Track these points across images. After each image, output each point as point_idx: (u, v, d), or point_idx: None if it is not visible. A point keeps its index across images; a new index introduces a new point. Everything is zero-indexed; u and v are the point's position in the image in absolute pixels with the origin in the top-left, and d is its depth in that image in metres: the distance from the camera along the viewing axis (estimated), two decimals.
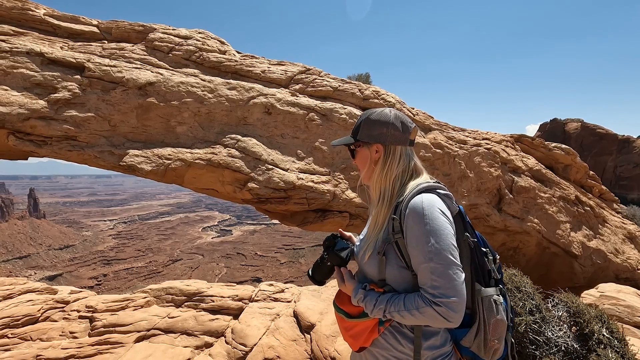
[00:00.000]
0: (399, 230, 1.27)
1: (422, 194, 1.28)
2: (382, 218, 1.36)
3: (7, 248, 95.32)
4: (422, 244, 1.19)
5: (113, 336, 3.84)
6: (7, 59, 4.02)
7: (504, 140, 7.22)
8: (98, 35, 4.94)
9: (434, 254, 1.17)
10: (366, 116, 1.44)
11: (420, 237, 1.20)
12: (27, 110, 3.88)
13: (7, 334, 3.68)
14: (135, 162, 4.12)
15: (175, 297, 4.60)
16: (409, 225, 1.24)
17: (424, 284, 1.19)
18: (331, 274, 1.51)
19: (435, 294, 1.15)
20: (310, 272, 1.53)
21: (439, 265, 1.16)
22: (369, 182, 1.48)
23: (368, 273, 1.38)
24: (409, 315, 1.19)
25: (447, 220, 1.22)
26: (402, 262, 1.28)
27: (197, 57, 4.99)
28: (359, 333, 1.33)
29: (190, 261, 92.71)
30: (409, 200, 1.28)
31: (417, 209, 1.23)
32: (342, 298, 1.44)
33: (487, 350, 1.29)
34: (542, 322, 1.87)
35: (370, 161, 1.44)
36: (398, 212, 1.29)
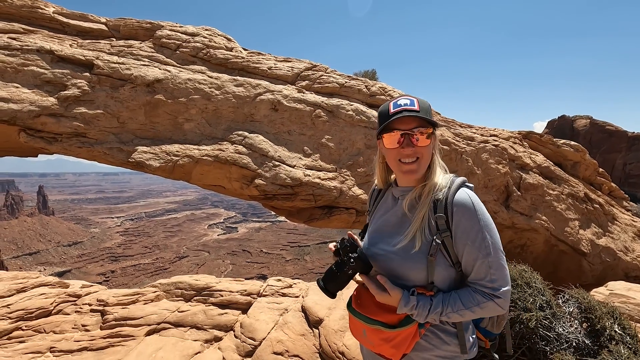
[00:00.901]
0: (446, 228, 1.23)
1: (464, 189, 1.26)
2: (421, 215, 1.28)
3: (17, 244, 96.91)
4: (479, 240, 1.19)
5: (124, 329, 3.90)
6: (18, 56, 4.07)
7: (512, 137, 7.15)
8: (106, 33, 4.98)
9: (491, 248, 1.19)
10: (423, 101, 1.30)
11: (475, 233, 1.20)
12: (37, 107, 3.93)
13: (22, 326, 3.79)
14: (144, 158, 4.16)
15: (184, 291, 4.67)
16: (460, 223, 1.21)
17: (481, 278, 1.21)
18: (348, 283, 1.33)
19: (495, 287, 1.19)
20: (322, 282, 1.32)
21: (496, 259, 1.20)
22: (416, 176, 1.31)
23: (409, 276, 1.29)
24: (469, 313, 1.20)
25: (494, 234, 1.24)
26: (449, 261, 1.26)
27: (204, 54, 5.01)
28: (402, 342, 1.25)
29: (196, 258, 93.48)
30: (452, 196, 1.24)
31: (467, 205, 1.22)
32: (370, 308, 1.31)
33: (497, 325, 1.43)
34: (553, 318, 1.86)
35: (433, 153, 1.33)
36: (442, 210, 1.24)
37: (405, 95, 1.33)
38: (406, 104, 1.28)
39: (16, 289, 4.24)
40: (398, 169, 1.34)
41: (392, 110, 1.29)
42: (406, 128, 1.27)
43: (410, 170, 1.30)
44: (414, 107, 1.27)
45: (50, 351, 3.41)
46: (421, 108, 1.27)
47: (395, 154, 1.30)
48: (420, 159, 1.28)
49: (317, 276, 1.55)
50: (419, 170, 1.30)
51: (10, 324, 3.74)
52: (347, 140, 5.05)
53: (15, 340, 3.60)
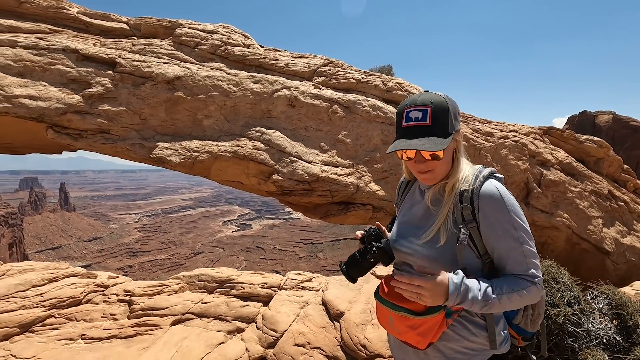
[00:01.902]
0: (472, 219, 1.23)
1: (491, 180, 1.26)
2: (446, 210, 1.28)
3: (41, 239, 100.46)
4: (511, 229, 1.20)
5: (151, 319, 4.04)
6: (45, 56, 4.21)
7: (532, 133, 6.99)
8: (128, 32, 5.09)
9: (524, 237, 1.20)
10: (439, 106, 1.24)
11: (507, 223, 1.20)
12: (64, 104, 4.06)
13: (54, 314, 3.99)
14: (165, 154, 4.25)
15: (207, 283, 4.79)
16: (488, 213, 1.21)
17: (517, 267, 1.21)
18: (369, 271, 1.38)
19: (534, 274, 1.20)
20: (344, 267, 1.37)
21: (530, 247, 1.21)
22: (434, 182, 1.31)
23: (430, 267, 1.25)
24: (517, 297, 1.18)
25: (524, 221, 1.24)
26: (475, 253, 1.25)
27: (222, 51, 5.06)
28: (428, 329, 1.23)
29: (211, 254, 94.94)
30: (479, 188, 1.23)
31: (495, 196, 1.21)
32: (397, 296, 1.28)
33: (532, 323, 1.38)
34: (582, 314, 1.82)
35: (455, 152, 1.31)
36: (468, 201, 1.24)
37: (419, 105, 1.23)
38: (417, 118, 1.22)
39: (48, 278, 4.45)
40: (416, 175, 1.35)
41: (403, 123, 1.25)
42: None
43: (426, 179, 1.31)
44: (425, 123, 1.21)
45: (81, 338, 3.57)
46: (434, 120, 1.20)
47: (411, 164, 1.30)
48: (434, 170, 1.27)
49: (330, 274, 1.57)
50: (435, 178, 1.30)
51: (44, 311, 3.95)
52: (363, 136, 5.04)
53: (48, 327, 3.79)
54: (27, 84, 4.06)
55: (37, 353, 3.47)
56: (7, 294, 4.20)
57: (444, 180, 1.31)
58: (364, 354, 3.30)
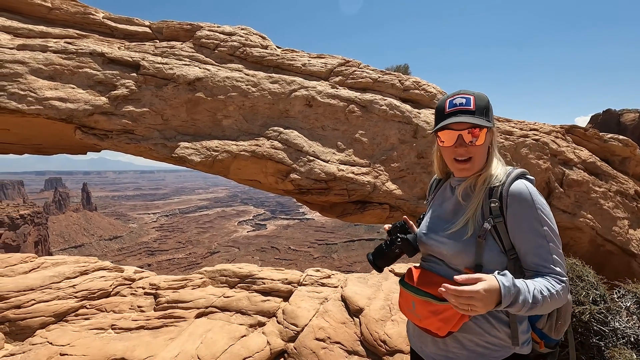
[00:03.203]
0: (499, 214, 1.25)
1: (522, 180, 1.30)
2: (475, 203, 1.31)
3: (64, 237, 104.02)
4: (539, 227, 1.21)
5: (176, 311, 4.22)
6: (73, 59, 4.39)
7: (553, 131, 6.82)
8: (150, 35, 5.25)
9: (552, 236, 1.22)
10: (481, 97, 1.31)
11: (535, 220, 1.22)
12: (91, 106, 4.23)
13: (86, 305, 4.21)
14: (186, 153, 4.36)
15: (229, 278, 4.93)
16: (516, 210, 1.24)
17: (545, 265, 1.20)
18: (394, 261, 1.45)
19: (562, 274, 1.20)
20: (371, 257, 1.44)
21: (558, 247, 1.22)
22: (470, 173, 1.36)
23: (457, 261, 1.31)
24: (554, 299, 1.14)
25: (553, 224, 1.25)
26: (500, 247, 1.26)
27: (240, 52, 5.16)
28: (450, 317, 1.21)
29: (227, 254, 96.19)
30: (509, 185, 1.27)
31: (524, 194, 1.24)
32: (424, 279, 1.34)
33: (556, 330, 1.35)
34: (608, 313, 1.78)
35: (490, 146, 1.37)
36: (497, 196, 1.27)
37: (462, 93, 1.31)
38: (462, 103, 1.29)
39: (80, 271, 4.67)
40: (453, 167, 1.39)
41: (447, 110, 1.31)
42: (460, 128, 1.29)
43: (463, 169, 1.34)
44: (469, 107, 1.28)
45: (111, 328, 3.75)
46: (477, 107, 1.28)
47: (449, 152, 1.34)
48: (474, 158, 1.32)
49: (345, 274, 1.70)
50: (472, 169, 1.34)
51: (77, 302, 4.17)
52: (380, 135, 5.04)
53: (81, 317, 4.00)
54: (57, 86, 4.25)
55: (72, 341, 3.63)
56: (43, 285, 4.39)
57: (477, 173, 1.35)
58: (383, 349, 3.33)
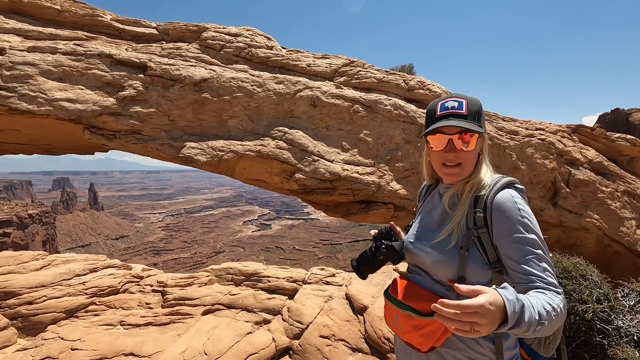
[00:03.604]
0: (483, 224, 1.20)
1: (509, 189, 1.24)
2: (461, 212, 1.26)
3: (72, 237, 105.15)
4: (526, 235, 1.16)
5: (183, 308, 4.30)
6: (82, 61, 4.46)
7: (559, 131, 6.78)
8: (157, 37, 5.31)
9: (541, 244, 1.17)
10: (474, 101, 1.29)
11: (521, 229, 1.16)
12: (99, 107, 4.29)
13: (96, 301, 4.31)
14: (192, 153, 4.41)
15: (234, 276, 5.00)
16: (501, 220, 1.18)
17: (539, 275, 1.12)
18: (379, 268, 1.40)
19: (556, 284, 1.12)
20: (355, 263, 1.40)
21: (547, 255, 1.16)
22: (459, 179, 1.31)
23: (440, 272, 1.26)
24: (557, 315, 1.01)
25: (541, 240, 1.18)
26: (484, 259, 1.21)
27: (246, 53, 5.20)
28: (432, 332, 1.18)
29: (232, 253, 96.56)
30: (495, 194, 1.22)
31: (509, 204, 1.19)
32: (407, 292, 1.30)
33: (545, 347, 1.30)
34: (611, 311, 1.79)
35: (480, 153, 1.32)
36: (481, 206, 1.23)
37: (454, 97, 1.28)
38: (453, 107, 1.25)
39: (89, 268, 4.77)
40: (441, 172, 1.34)
41: (438, 113, 1.27)
42: (451, 132, 1.24)
43: (452, 174, 1.29)
44: (461, 111, 1.24)
45: (120, 324, 3.83)
46: (469, 111, 1.24)
47: (438, 157, 1.30)
48: (463, 164, 1.27)
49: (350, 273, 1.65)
50: (461, 175, 1.29)
51: (87, 299, 4.27)
52: (385, 135, 5.05)
53: (91, 313, 4.09)
54: (66, 87, 4.32)
55: (82, 336, 3.71)
56: (54, 282, 4.47)
57: (465, 180, 1.30)
58: (387, 346, 3.36)
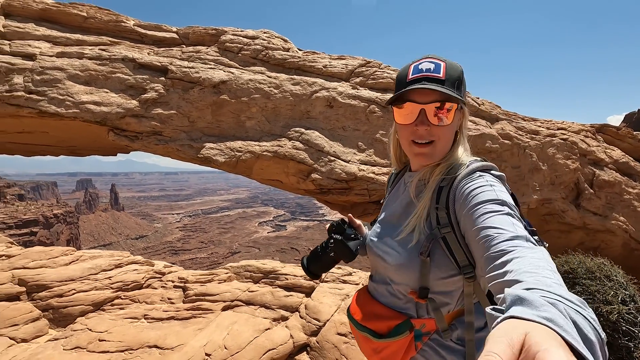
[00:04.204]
0: (447, 222, 0.96)
1: (479, 174, 0.98)
2: (424, 202, 1.03)
3: (94, 236, 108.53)
4: (496, 209, 0.88)
5: (203, 304, 4.46)
6: (107, 65, 4.63)
7: (583, 130, 6.59)
8: (177, 41, 5.46)
9: (513, 212, 0.91)
10: (454, 66, 1.01)
11: (492, 210, 0.89)
12: (123, 109, 4.45)
13: (121, 295, 4.52)
14: (211, 154, 4.51)
15: (253, 274, 5.12)
16: (466, 211, 0.91)
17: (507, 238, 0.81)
18: (332, 267, 1.22)
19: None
20: (305, 262, 1.22)
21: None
22: (430, 161, 1.05)
23: (398, 277, 1.05)
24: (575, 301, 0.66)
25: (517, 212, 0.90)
26: (453, 264, 0.97)
27: (263, 55, 5.28)
28: (393, 354, 1.04)
29: (247, 254, 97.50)
30: (459, 182, 0.98)
31: (479, 189, 0.93)
32: (366, 309, 1.12)
33: None
34: (638, 313, 1.73)
35: (458, 132, 1.08)
36: (444, 198, 0.98)
37: (431, 57, 1.01)
38: (429, 70, 0.97)
39: (114, 264, 5.01)
40: (410, 151, 1.07)
41: (410, 76, 0.99)
42: (424, 101, 0.97)
43: (422, 154, 1.03)
44: (437, 75, 0.96)
45: (144, 317, 4.00)
46: (448, 76, 0.97)
47: (408, 132, 1.03)
48: (437, 142, 1.01)
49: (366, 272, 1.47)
50: (433, 155, 1.03)
51: (112, 293, 4.48)
52: None
53: (116, 306, 4.30)
54: (92, 91, 4.50)
55: (109, 328, 3.90)
56: (82, 276, 4.73)
57: (435, 164, 1.05)
58: None
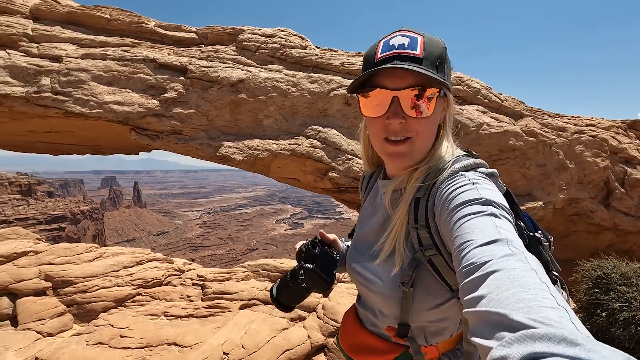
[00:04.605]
0: (430, 243, 0.77)
1: (464, 174, 0.78)
2: (399, 219, 0.83)
3: (118, 232, 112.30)
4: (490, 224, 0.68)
5: (221, 302, 4.55)
6: (129, 66, 4.74)
7: (613, 127, 6.28)
8: (196, 41, 5.53)
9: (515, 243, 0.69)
10: (434, 41, 0.78)
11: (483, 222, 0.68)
12: (144, 109, 4.54)
13: (141, 292, 4.65)
14: (229, 152, 4.55)
15: (270, 272, 5.16)
16: (446, 220, 0.71)
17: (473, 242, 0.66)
18: (306, 297, 1.03)
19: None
20: (274, 291, 1.02)
21: None
22: (407, 163, 0.83)
23: (385, 310, 0.89)
24: None
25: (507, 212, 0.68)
26: (445, 288, 0.80)
27: (280, 53, 5.28)
28: None
29: (265, 251, 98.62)
30: (437, 189, 0.78)
31: (462, 193, 0.72)
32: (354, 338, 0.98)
33: None
34: None
35: (441, 125, 0.86)
36: (422, 216, 0.79)
37: (406, 30, 0.79)
38: (402, 45, 0.75)
39: (135, 261, 5.18)
40: (382, 150, 0.84)
41: (378, 55, 0.77)
42: (397, 86, 0.76)
43: (397, 154, 0.81)
44: (413, 52, 0.74)
45: (164, 315, 4.11)
46: (427, 53, 0.75)
47: (378, 127, 0.81)
48: (415, 139, 0.79)
49: None
50: (411, 155, 0.81)
51: (134, 289, 4.63)
52: None
53: (137, 303, 4.44)
54: (114, 91, 4.61)
55: (130, 325, 4.00)
56: (105, 273, 4.90)
57: (414, 167, 0.83)
58: None
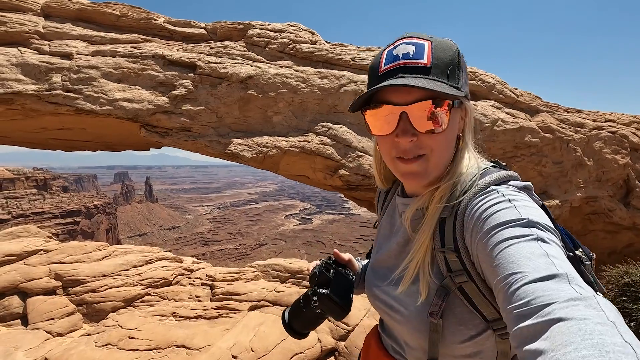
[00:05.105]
0: (460, 268, 0.70)
1: (497, 189, 0.71)
2: (423, 243, 0.76)
3: (130, 226, 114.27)
4: (537, 252, 0.61)
5: (230, 303, 4.54)
6: (138, 63, 4.73)
7: (634, 122, 6.06)
8: (205, 36, 5.49)
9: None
10: (444, 45, 0.72)
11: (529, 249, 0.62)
12: (153, 106, 4.53)
13: (150, 292, 4.67)
14: (239, 150, 4.52)
15: (280, 273, 5.14)
16: (487, 251, 0.63)
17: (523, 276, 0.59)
18: (320, 322, 0.95)
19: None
20: (286, 316, 0.95)
21: None
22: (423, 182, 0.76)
23: (412, 342, 0.81)
24: None
25: (555, 234, 0.61)
26: (479, 318, 0.72)
27: (290, 49, 5.21)
28: None
29: (274, 246, 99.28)
30: (466, 208, 0.71)
31: (498, 213, 0.65)
32: None
33: None
34: None
35: (461, 137, 0.79)
36: (450, 239, 0.72)
37: (411, 36, 0.72)
38: (407, 55, 0.69)
39: (144, 260, 5.19)
40: (395, 169, 0.78)
41: (382, 67, 0.72)
42: (404, 101, 0.69)
43: (411, 173, 0.75)
44: (420, 61, 0.68)
45: (173, 315, 4.11)
46: (436, 61, 0.69)
47: (388, 145, 0.75)
48: (429, 156, 0.73)
49: None
50: (425, 173, 0.74)
51: (143, 289, 4.65)
52: None
53: (146, 303, 4.45)
54: (124, 88, 4.61)
55: (139, 325, 3.97)
56: (114, 272, 4.89)
57: (435, 186, 0.76)
58: None
